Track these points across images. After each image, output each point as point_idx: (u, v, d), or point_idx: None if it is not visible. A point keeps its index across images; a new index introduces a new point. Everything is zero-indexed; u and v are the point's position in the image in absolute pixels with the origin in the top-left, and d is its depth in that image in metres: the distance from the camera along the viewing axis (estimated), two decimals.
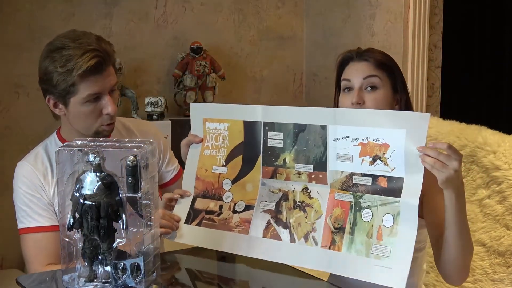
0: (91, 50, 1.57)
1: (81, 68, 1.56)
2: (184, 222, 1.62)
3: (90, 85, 1.59)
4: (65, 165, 1.33)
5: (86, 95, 1.59)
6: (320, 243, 1.46)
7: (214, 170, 1.62)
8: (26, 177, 1.68)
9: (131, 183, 1.30)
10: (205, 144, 1.64)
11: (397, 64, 1.64)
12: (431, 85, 3.50)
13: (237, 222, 1.57)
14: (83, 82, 1.58)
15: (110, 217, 1.31)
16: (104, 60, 1.60)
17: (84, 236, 1.32)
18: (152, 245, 1.36)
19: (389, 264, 1.36)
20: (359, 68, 1.58)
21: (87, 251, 1.32)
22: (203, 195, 1.63)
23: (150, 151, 1.34)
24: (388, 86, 1.58)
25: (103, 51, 1.60)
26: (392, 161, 1.39)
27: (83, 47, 1.58)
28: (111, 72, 1.64)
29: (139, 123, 1.90)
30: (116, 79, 1.66)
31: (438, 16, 3.46)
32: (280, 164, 1.54)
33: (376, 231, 1.40)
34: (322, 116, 1.48)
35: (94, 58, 1.57)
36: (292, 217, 1.51)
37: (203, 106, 1.72)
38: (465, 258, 1.46)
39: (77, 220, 1.31)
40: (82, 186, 1.31)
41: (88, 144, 1.35)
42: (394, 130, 1.39)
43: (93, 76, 1.58)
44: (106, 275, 1.34)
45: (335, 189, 1.47)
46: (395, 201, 1.39)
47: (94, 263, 1.34)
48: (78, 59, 1.56)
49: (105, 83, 1.61)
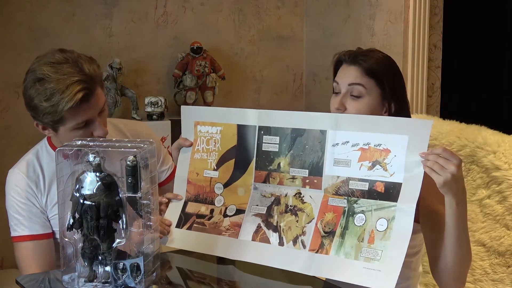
0: (75, 82, 1.50)
1: (67, 105, 1.50)
2: (175, 226, 1.61)
3: (78, 116, 1.55)
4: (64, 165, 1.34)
5: (74, 124, 1.56)
6: (308, 246, 1.45)
7: (206, 174, 1.61)
8: (18, 186, 1.67)
9: (131, 183, 1.30)
10: (195, 147, 1.62)
11: (395, 70, 1.59)
12: (431, 85, 3.50)
13: (227, 226, 1.56)
14: (71, 115, 1.54)
15: (110, 217, 1.31)
16: (90, 89, 1.53)
17: (84, 236, 1.32)
18: (152, 245, 1.36)
19: (379, 266, 1.35)
20: (347, 73, 1.56)
21: (87, 251, 1.32)
22: (194, 199, 1.62)
23: (149, 151, 1.34)
24: (375, 95, 1.54)
25: (88, 78, 1.53)
26: (391, 167, 1.39)
27: (66, 79, 1.50)
28: (99, 95, 1.57)
29: (130, 124, 1.88)
30: (104, 99, 1.60)
31: (438, 16, 3.46)
32: (274, 168, 1.53)
33: (368, 235, 1.39)
34: (323, 121, 1.47)
35: (79, 92, 1.50)
36: (283, 221, 1.50)
37: (195, 109, 1.70)
38: (462, 267, 1.45)
39: (77, 220, 1.31)
40: (82, 186, 1.30)
41: (88, 144, 1.35)
42: (396, 136, 1.39)
43: (80, 108, 1.53)
44: (106, 275, 1.34)
45: (329, 194, 1.46)
46: (391, 206, 1.38)
47: (94, 263, 1.34)
48: (62, 94, 1.50)
49: (93, 110, 1.56)
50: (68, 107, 1.51)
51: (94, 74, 1.56)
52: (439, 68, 3.51)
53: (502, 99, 3.80)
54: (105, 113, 1.63)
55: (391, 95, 1.54)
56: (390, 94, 1.54)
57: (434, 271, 1.50)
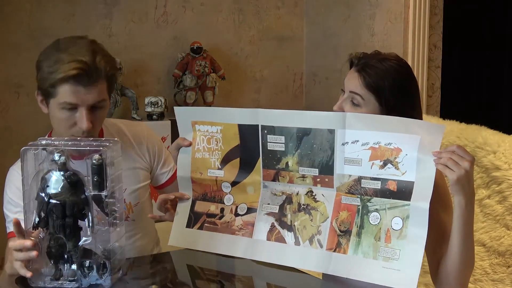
0: (78, 61, 1.53)
1: (60, 74, 1.53)
2: (186, 226, 1.60)
3: (67, 93, 1.55)
4: (30, 165, 1.34)
5: (62, 101, 1.56)
6: (325, 245, 1.45)
7: (210, 174, 1.60)
8: (14, 184, 1.67)
9: (97, 182, 1.32)
10: (195, 147, 1.61)
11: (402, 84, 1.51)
12: (431, 85, 3.50)
13: (240, 225, 1.56)
14: (62, 87, 1.55)
15: (76, 216, 1.32)
16: (88, 74, 1.54)
17: (50, 235, 1.32)
18: (117, 243, 1.38)
19: (398, 266, 1.36)
20: (351, 79, 1.53)
21: (53, 250, 1.33)
22: (202, 198, 1.62)
23: (115, 150, 1.35)
24: (371, 107, 1.49)
25: (93, 67, 1.55)
26: (403, 165, 1.39)
27: (74, 55, 1.55)
28: (98, 89, 1.57)
29: (132, 125, 1.87)
30: (103, 97, 1.60)
31: (438, 16, 3.46)
32: (282, 167, 1.53)
33: (385, 234, 1.39)
34: (331, 120, 1.46)
35: (76, 70, 1.53)
36: (297, 220, 1.50)
37: (190, 109, 1.69)
38: (467, 270, 1.45)
39: (43, 219, 1.32)
40: (48, 185, 1.31)
41: (53, 143, 1.35)
42: (407, 135, 1.39)
43: (73, 85, 1.54)
44: (71, 273, 1.35)
45: (342, 192, 1.46)
46: (404, 204, 1.38)
47: (60, 262, 1.35)
48: (63, 64, 1.53)
49: (84, 97, 1.55)
50: (61, 76, 1.53)
51: (103, 69, 1.57)
52: (439, 68, 3.51)
53: (502, 99, 3.80)
54: (100, 112, 1.61)
55: (390, 110, 1.49)
56: (388, 110, 1.49)
57: (436, 277, 1.49)
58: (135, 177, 1.75)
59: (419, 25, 3.34)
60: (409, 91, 1.53)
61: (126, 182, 1.68)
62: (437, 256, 1.47)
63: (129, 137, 1.78)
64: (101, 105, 1.60)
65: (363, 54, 1.55)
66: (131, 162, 1.74)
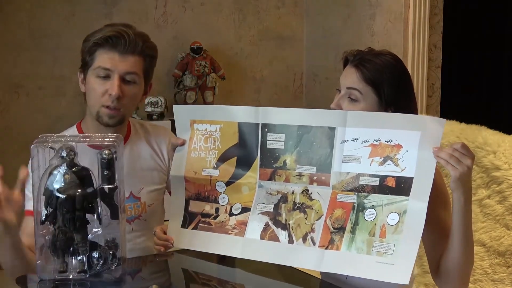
0: (117, 30, 1.62)
1: (99, 36, 1.61)
2: (181, 226, 1.60)
3: (102, 58, 1.61)
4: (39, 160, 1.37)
5: (97, 66, 1.61)
6: (318, 243, 1.45)
7: (205, 173, 1.59)
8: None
9: (107, 175, 1.36)
10: (192, 146, 1.60)
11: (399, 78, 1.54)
12: (431, 85, 3.51)
13: (233, 224, 1.55)
14: (98, 52, 1.62)
15: (85, 209, 1.35)
16: (124, 40, 1.61)
17: (58, 229, 1.35)
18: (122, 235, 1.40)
19: (392, 260, 1.36)
20: (347, 75, 1.54)
21: (61, 243, 1.35)
22: (196, 198, 1.60)
23: (121, 145, 1.40)
24: (370, 101, 1.51)
25: (130, 37, 1.62)
26: (403, 162, 1.40)
27: (116, 28, 1.63)
28: (133, 60, 1.63)
29: (156, 127, 1.87)
30: (136, 70, 1.64)
31: (438, 16, 3.47)
32: (279, 166, 1.53)
33: (380, 229, 1.39)
34: (332, 118, 1.47)
35: (113, 32, 1.61)
36: (292, 218, 1.50)
37: (189, 108, 1.68)
38: (467, 266, 1.45)
39: (51, 214, 1.34)
40: (57, 180, 1.34)
41: (61, 140, 1.38)
42: (408, 132, 1.39)
43: (109, 50, 1.61)
44: (79, 265, 1.37)
45: (338, 190, 1.46)
46: (403, 200, 1.39)
47: (67, 255, 1.37)
48: (103, 31, 1.62)
49: (118, 63, 1.61)
50: (97, 39, 1.61)
51: (141, 45, 1.64)
52: (439, 68, 3.51)
53: (502, 99, 3.80)
54: (130, 89, 1.64)
55: (388, 104, 1.51)
56: (387, 103, 1.51)
57: (436, 274, 1.49)
58: (153, 178, 1.75)
59: (419, 25, 3.34)
60: (406, 84, 1.57)
61: (144, 182, 1.71)
62: (437, 253, 1.47)
63: (153, 138, 1.79)
64: (133, 80, 1.64)
65: (357, 51, 1.57)
66: (152, 163, 1.75)
